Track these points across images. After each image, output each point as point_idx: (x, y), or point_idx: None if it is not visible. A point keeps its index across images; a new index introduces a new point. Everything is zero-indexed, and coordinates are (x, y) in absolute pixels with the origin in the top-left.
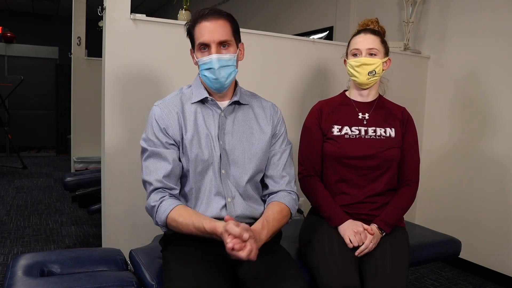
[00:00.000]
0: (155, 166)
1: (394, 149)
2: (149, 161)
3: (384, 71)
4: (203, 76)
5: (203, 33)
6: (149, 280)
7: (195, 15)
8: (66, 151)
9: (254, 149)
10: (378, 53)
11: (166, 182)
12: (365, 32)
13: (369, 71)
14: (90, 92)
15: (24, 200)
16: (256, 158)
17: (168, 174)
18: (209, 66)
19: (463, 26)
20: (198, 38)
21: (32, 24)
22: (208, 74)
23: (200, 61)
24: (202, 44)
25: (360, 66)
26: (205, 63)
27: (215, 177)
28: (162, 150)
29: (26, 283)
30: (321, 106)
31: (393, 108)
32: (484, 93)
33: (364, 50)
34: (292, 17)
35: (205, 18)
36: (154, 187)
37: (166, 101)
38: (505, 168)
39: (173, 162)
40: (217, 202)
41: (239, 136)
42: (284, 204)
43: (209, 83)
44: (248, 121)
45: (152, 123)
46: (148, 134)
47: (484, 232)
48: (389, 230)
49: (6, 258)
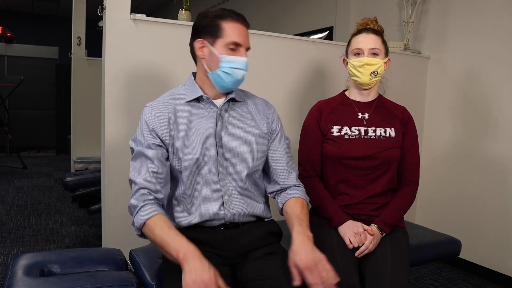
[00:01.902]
0: (141, 166)
1: (394, 149)
2: (136, 161)
3: (385, 71)
4: (222, 72)
5: (237, 34)
6: (149, 280)
7: (223, 11)
8: (66, 151)
9: (250, 145)
10: (380, 53)
11: (152, 183)
12: (367, 31)
13: (372, 72)
14: (90, 92)
15: (24, 200)
16: (253, 154)
17: (154, 174)
18: (237, 66)
19: (463, 26)
20: (231, 36)
21: (32, 24)
22: (232, 72)
23: (226, 58)
24: (235, 44)
25: (363, 66)
26: (234, 61)
27: (211, 176)
28: (149, 151)
29: (26, 283)
30: (321, 106)
31: (393, 108)
32: (484, 93)
33: (367, 50)
34: (292, 17)
35: (238, 20)
36: (139, 186)
37: (157, 102)
38: (505, 168)
39: (159, 163)
40: (213, 201)
41: (235, 132)
42: (301, 199)
43: (226, 81)
44: (243, 117)
45: (142, 124)
46: (137, 135)
47: (484, 232)
48: (389, 230)
49: (6, 258)
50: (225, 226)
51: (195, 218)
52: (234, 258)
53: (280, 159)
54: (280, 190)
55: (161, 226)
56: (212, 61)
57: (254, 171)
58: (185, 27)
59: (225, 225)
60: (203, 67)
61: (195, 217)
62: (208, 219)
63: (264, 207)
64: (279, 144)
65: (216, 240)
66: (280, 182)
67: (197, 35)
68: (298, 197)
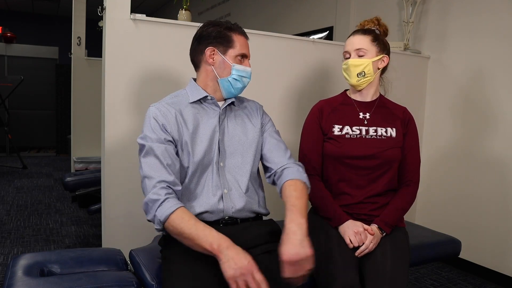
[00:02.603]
0: (155, 161)
1: (395, 149)
2: (148, 157)
3: (381, 70)
4: (233, 79)
5: (244, 46)
6: (149, 280)
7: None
8: (66, 151)
9: (249, 140)
10: (367, 53)
11: (170, 176)
12: (354, 34)
13: (358, 73)
14: (90, 92)
15: (24, 200)
16: (252, 149)
17: (169, 168)
18: (244, 75)
19: (463, 26)
20: (240, 48)
21: (32, 24)
22: (241, 80)
23: (238, 67)
24: (243, 55)
25: (348, 69)
26: (244, 71)
27: (214, 171)
28: (160, 145)
29: (26, 283)
30: (322, 105)
31: (394, 108)
32: (484, 93)
33: (352, 51)
34: (292, 17)
35: (242, 33)
36: (158, 180)
37: (162, 102)
38: (504, 168)
39: (172, 157)
40: (214, 194)
41: (235, 129)
42: (294, 180)
43: (234, 87)
44: (241, 117)
45: (150, 122)
46: (146, 132)
47: (484, 232)
48: (389, 230)
49: (6, 258)
50: (224, 222)
51: (194, 209)
52: None
53: (270, 143)
54: (276, 173)
55: (188, 219)
56: (224, 68)
57: (253, 166)
58: (185, 27)
59: (225, 221)
60: (211, 73)
61: (195, 209)
62: (207, 211)
63: (262, 202)
64: (268, 132)
65: None
66: (273, 164)
67: (208, 43)
68: (291, 179)
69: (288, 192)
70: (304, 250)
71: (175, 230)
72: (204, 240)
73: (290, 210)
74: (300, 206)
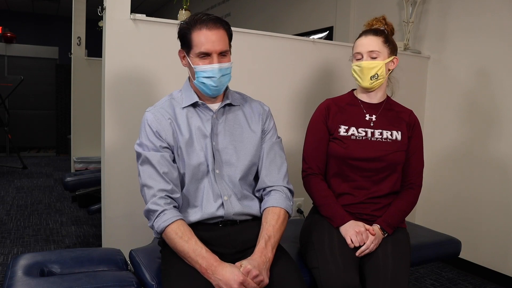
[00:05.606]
0: (152, 170)
1: (399, 152)
2: (145, 165)
3: (391, 71)
4: (200, 83)
5: (203, 42)
6: (149, 280)
7: (192, 20)
8: (66, 151)
9: (245, 148)
10: (380, 55)
11: (168, 184)
12: (366, 34)
13: (371, 76)
14: (90, 92)
15: (24, 200)
16: (248, 157)
17: (167, 176)
18: (210, 75)
19: (463, 26)
20: (198, 46)
21: (32, 24)
22: (208, 81)
23: (199, 68)
24: (203, 53)
25: (362, 71)
26: (205, 71)
27: (210, 178)
28: (157, 154)
29: (26, 283)
30: (329, 104)
31: (401, 111)
32: (485, 93)
33: (365, 53)
34: (292, 17)
35: (205, 26)
36: (157, 189)
37: (157, 107)
38: (504, 167)
39: (169, 165)
40: (213, 201)
41: (231, 136)
42: (279, 208)
43: (207, 90)
44: (238, 121)
45: (145, 128)
46: (142, 139)
47: (484, 232)
48: (391, 231)
49: (6, 258)
50: (223, 223)
51: (194, 217)
52: (233, 254)
53: (266, 157)
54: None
55: (181, 235)
56: (191, 71)
57: (249, 174)
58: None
59: (224, 222)
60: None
61: (194, 217)
62: (207, 218)
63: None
64: (269, 140)
65: (215, 237)
66: (264, 180)
67: (180, 45)
68: (275, 206)
69: (269, 219)
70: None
71: (170, 243)
72: (194, 260)
73: (264, 238)
74: (276, 240)
